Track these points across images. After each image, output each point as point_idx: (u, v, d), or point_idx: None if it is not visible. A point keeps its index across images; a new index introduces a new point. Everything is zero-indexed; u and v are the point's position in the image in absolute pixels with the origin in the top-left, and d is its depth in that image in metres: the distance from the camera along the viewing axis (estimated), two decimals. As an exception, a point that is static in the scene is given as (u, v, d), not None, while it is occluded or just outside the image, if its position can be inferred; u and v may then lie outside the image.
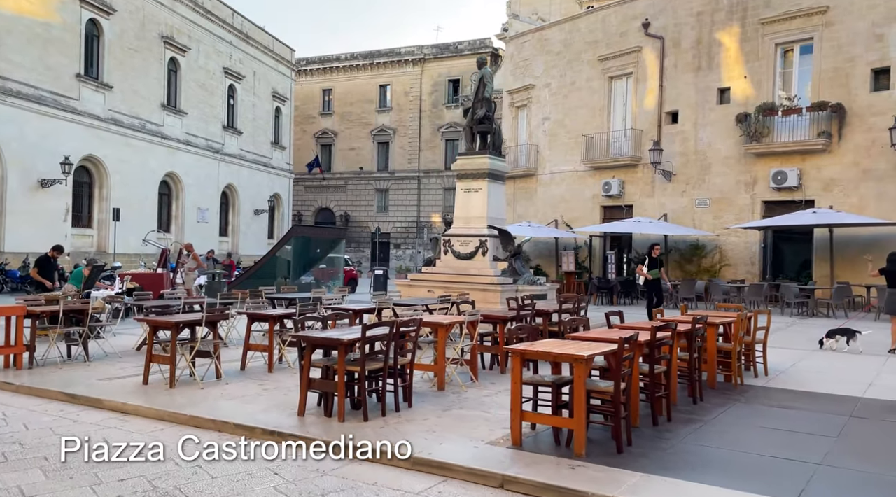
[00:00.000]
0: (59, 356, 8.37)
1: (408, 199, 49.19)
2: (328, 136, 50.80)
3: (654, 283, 12.83)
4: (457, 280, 12.56)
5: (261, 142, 39.27)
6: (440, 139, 48.43)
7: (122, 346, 9.57)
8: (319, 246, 19.60)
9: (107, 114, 26.96)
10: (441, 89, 48.37)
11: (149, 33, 29.28)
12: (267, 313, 7.95)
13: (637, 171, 23.08)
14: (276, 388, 7.00)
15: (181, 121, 31.78)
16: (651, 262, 12.84)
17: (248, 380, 7.47)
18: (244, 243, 37.73)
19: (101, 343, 9.13)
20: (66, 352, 8.62)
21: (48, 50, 23.98)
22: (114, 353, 8.96)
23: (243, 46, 36.96)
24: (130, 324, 11.26)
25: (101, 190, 27.38)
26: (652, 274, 12.78)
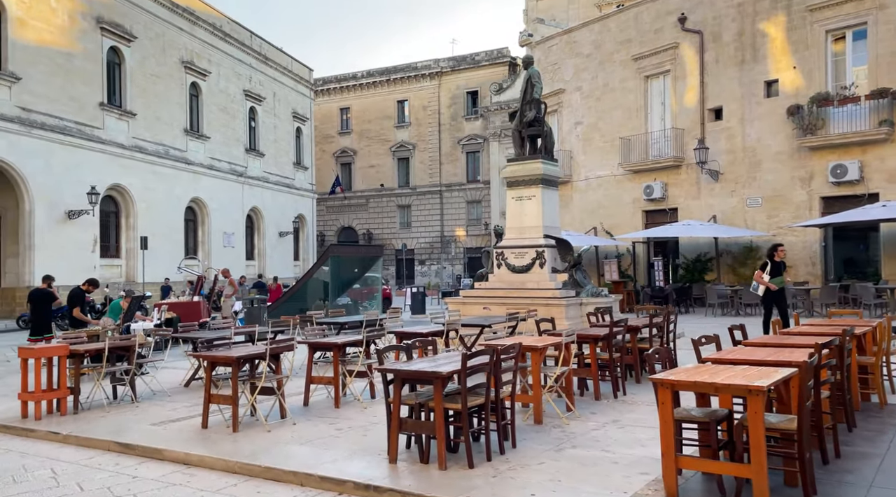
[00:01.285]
0: (104, 398, 7.65)
1: (430, 215, 48.56)
2: (347, 154, 50.46)
3: (778, 293, 10.42)
4: (514, 295, 11.71)
5: (283, 163, 38.89)
6: (461, 152, 47.85)
7: (169, 382, 8.84)
8: (356, 266, 18.86)
9: (131, 142, 26.65)
10: (459, 102, 47.86)
11: (169, 59, 29.04)
12: (331, 342, 7.16)
13: (680, 173, 22.11)
14: (350, 427, 6.18)
15: (204, 145, 31.45)
16: (774, 268, 10.38)
17: (316, 418, 6.66)
18: (270, 266, 37.19)
19: (148, 380, 8.41)
20: (111, 392, 7.90)
21: (71, 80, 23.72)
22: (161, 391, 8.22)
23: (262, 68, 36.71)
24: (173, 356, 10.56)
25: (127, 219, 27.00)
26: (776, 282, 10.33)
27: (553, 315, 10.77)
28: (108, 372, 7.45)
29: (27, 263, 22.11)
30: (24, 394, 6.88)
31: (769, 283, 10.31)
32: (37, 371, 6.84)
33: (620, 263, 22.83)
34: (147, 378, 8.43)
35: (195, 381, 8.53)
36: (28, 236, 22.11)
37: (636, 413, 6.35)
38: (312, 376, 7.28)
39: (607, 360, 7.12)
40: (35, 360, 6.84)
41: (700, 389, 3.87)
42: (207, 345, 6.87)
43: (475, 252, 45.86)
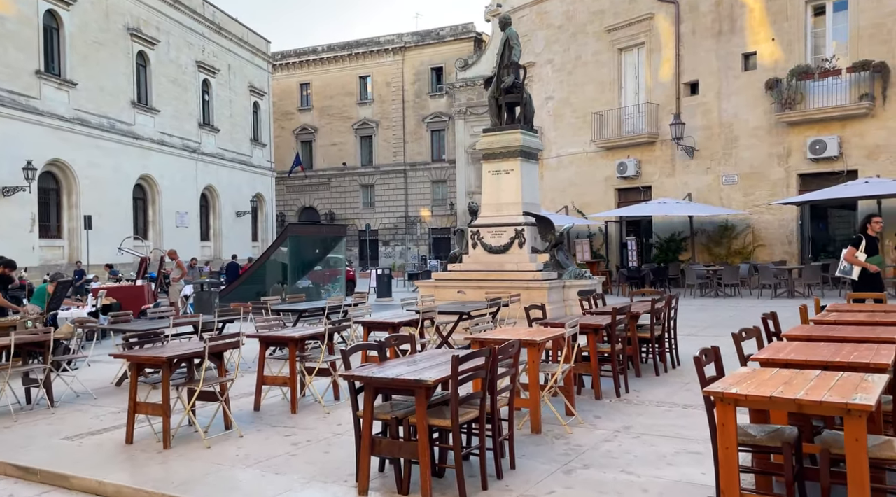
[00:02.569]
0: (13, 403, 6.42)
1: (394, 195, 47.37)
2: (308, 132, 48.71)
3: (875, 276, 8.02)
4: (491, 278, 10.75)
5: (239, 139, 37.05)
6: (425, 130, 46.61)
7: (97, 380, 7.64)
8: (318, 246, 17.64)
9: (72, 113, 24.67)
10: (424, 78, 46.49)
11: (113, 25, 26.95)
12: (287, 336, 6.06)
13: (654, 149, 21.41)
14: (309, 441, 5.13)
15: (154, 119, 29.51)
16: (869, 244, 8.03)
17: (269, 427, 5.58)
18: (227, 247, 35.53)
19: (72, 378, 7.18)
20: (24, 396, 6.67)
21: (3, 45, 21.65)
22: (86, 393, 7.02)
23: (216, 38, 34.66)
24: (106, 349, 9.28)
25: (69, 196, 25.10)
26: (874, 262, 8.03)
27: (534, 299, 9.86)
28: (17, 371, 6.23)
29: (-45, 245, 20.20)
30: None
31: (866, 264, 7.94)
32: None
33: (592, 243, 22.12)
34: (72, 376, 7.21)
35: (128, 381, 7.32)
36: (-45, 215, 20.21)
37: (648, 416, 5.47)
38: (265, 376, 6.19)
39: (606, 352, 6.22)
40: (-81, 362, 5.60)
41: (778, 407, 2.94)
42: (138, 340, 5.70)
43: (441, 233, 44.94)
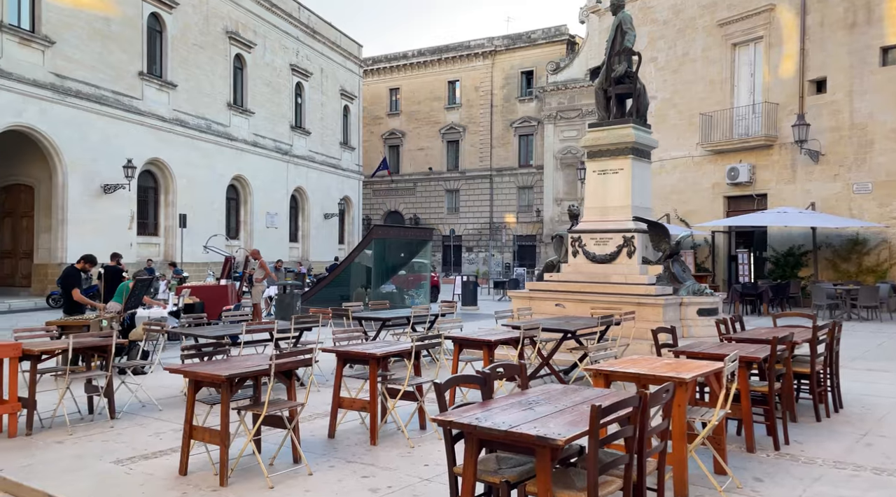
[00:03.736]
0: (72, 412, 5.88)
1: (480, 200, 46.58)
2: (396, 136, 48.77)
3: None
4: (594, 290, 9.53)
5: (329, 142, 37.31)
6: (513, 135, 45.59)
7: (166, 387, 7.06)
8: (403, 249, 16.94)
9: (171, 114, 25.33)
10: (513, 82, 45.51)
11: (213, 28, 27.59)
12: (367, 353, 5.16)
13: (772, 153, 19.35)
14: (391, 487, 4.19)
15: (248, 121, 30.02)
16: None
17: (343, 462, 4.69)
18: (314, 249, 35.84)
19: (137, 386, 6.61)
20: (87, 404, 6.13)
21: (108, 46, 22.42)
22: (151, 404, 6.42)
23: (310, 42, 35.05)
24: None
25: (166, 195, 25.78)
26: None
27: (647, 317, 8.58)
28: (78, 378, 5.68)
29: (60, 239, 21.00)
30: (-43, 408, 5.17)
31: None
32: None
33: (697, 255, 20.28)
34: (136, 384, 6.64)
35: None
36: (61, 210, 20.97)
37: (828, 484, 4.15)
38: (341, 398, 5.31)
39: (759, 392, 4.93)
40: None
41: None
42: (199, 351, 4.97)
43: (526, 240, 43.69)
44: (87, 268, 8.85)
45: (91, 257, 8.87)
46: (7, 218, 22.45)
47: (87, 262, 8.80)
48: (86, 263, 8.77)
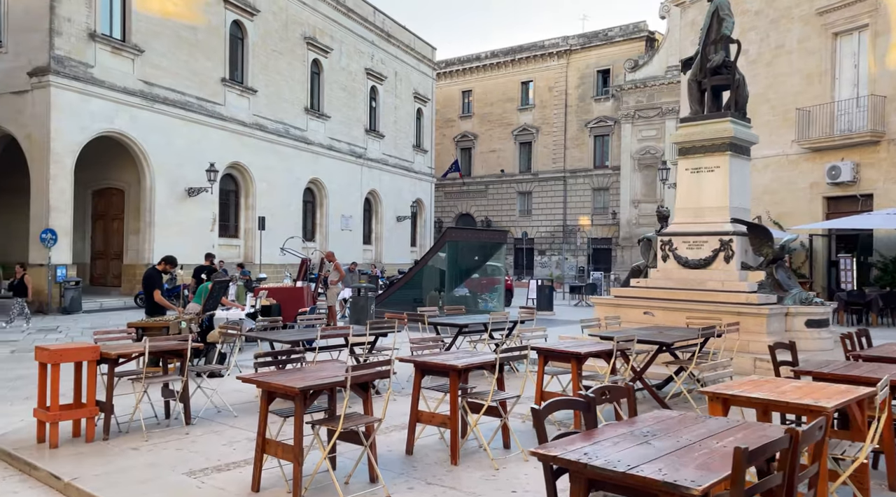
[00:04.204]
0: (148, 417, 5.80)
1: (553, 203, 45.72)
2: (468, 139, 48.55)
3: None
4: (687, 298, 8.82)
5: (402, 145, 37.46)
6: (588, 136, 44.49)
7: (242, 391, 6.93)
8: (477, 252, 16.55)
9: (251, 119, 25.98)
10: (589, 82, 44.42)
11: (291, 34, 28.15)
12: (448, 364, 4.79)
13: (878, 150, 17.77)
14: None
15: (324, 125, 30.48)
16: None
17: (422, 485, 4.33)
18: (387, 251, 36.05)
19: (212, 390, 6.49)
20: (163, 409, 6.05)
21: (193, 54, 23.20)
22: (226, 410, 6.28)
23: (384, 45, 35.30)
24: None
25: (246, 198, 26.45)
26: None
27: (748, 328, 7.82)
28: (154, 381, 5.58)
29: (147, 241, 21.85)
30: (40, 410, 5.14)
31: None
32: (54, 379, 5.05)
33: (792, 261, 18.88)
34: (211, 389, 6.53)
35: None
36: (149, 213, 21.82)
37: None
38: (420, 411, 4.96)
39: None
40: (52, 366, 5.06)
41: None
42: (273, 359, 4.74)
43: (601, 243, 42.48)
44: (168, 269, 8.92)
45: (171, 258, 8.94)
46: (99, 220, 23.58)
47: (167, 264, 8.87)
48: (166, 265, 8.85)
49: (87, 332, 13.83)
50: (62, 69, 18.59)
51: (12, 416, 6.51)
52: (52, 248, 18.44)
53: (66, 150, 18.89)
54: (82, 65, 19.26)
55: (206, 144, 23.45)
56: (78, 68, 19.11)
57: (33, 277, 18.79)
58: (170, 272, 9.23)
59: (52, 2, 18.35)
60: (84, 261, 22.82)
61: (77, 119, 19.10)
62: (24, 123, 18.88)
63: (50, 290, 18.36)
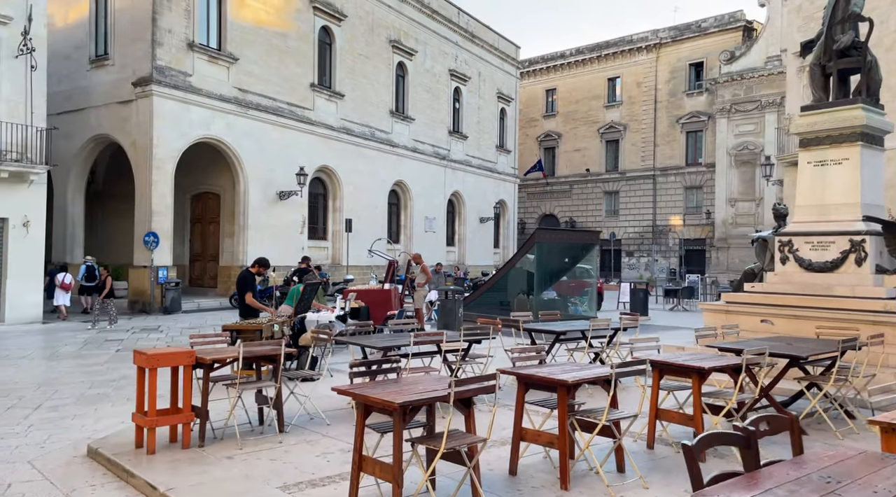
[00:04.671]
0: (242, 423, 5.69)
1: (641, 202, 44.08)
2: (551, 138, 47.63)
3: None
4: (812, 304, 7.93)
5: (485, 146, 37.11)
6: (679, 132, 42.61)
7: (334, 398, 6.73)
8: (567, 254, 15.94)
9: (339, 123, 26.39)
10: (680, 76, 42.54)
11: (377, 38, 28.42)
12: (555, 379, 4.35)
13: None
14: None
15: (408, 127, 30.60)
16: None
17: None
18: (470, 253, 35.81)
19: (305, 397, 6.33)
20: (257, 415, 5.94)
21: (284, 61, 23.79)
22: (319, 417, 6.09)
23: (468, 46, 35.10)
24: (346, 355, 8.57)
25: (334, 201, 26.90)
26: None
27: (888, 339, 6.90)
28: (248, 387, 5.46)
29: (241, 243, 22.56)
30: (138, 415, 5.11)
31: None
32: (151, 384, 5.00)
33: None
34: (304, 395, 6.37)
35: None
36: (243, 216, 22.53)
37: None
38: (524, 429, 4.54)
39: None
40: (150, 370, 5.01)
41: None
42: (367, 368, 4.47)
43: (694, 244, 40.51)
44: (262, 272, 8.94)
45: (264, 261, 8.95)
46: (197, 224, 24.61)
47: (260, 266, 8.89)
48: (260, 267, 8.86)
49: (186, 332, 14.32)
50: (163, 79, 19.46)
51: (114, 417, 6.62)
52: (155, 251, 19.32)
53: (167, 156, 19.76)
54: (181, 74, 20.10)
55: (296, 149, 23.98)
56: (177, 77, 19.96)
57: (137, 279, 19.79)
58: (262, 274, 9.25)
59: (154, 14, 19.25)
60: (183, 262, 23.87)
61: (177, 126, 19.95)
62: (129, 131, 19.91)
63: (152, 291, 19.24)
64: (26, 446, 5.57)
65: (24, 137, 16.01)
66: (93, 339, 13.20)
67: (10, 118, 15.76)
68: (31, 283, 16.47)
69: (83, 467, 4.91)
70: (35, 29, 16.14)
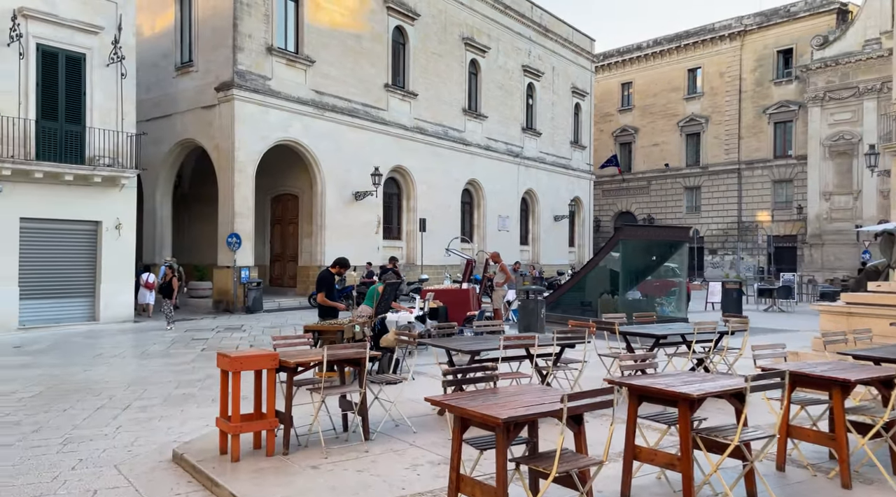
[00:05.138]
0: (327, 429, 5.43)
1: (725, 197, 42.03)
2: (627, 133, 46.11)
3: None
4: (952, 308, 6.96)
5: (559, 142, 36.23)
6: (766, 123, 40.37)
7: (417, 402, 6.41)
8: (654, 252, 15.09)
9: (412, 123, 26.31)
10: (767, 64, 40.28)
11: (450, 36, 28.18)
12: (677, 392, 3.82)
13: None
14: None
15: (481, 125, 30.21)
16: None
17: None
18: (544, 252, 35.03)
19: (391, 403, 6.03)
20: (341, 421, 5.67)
21: (359, 62, 23.89)
22: (404, 424, 5.77)
23: (542, 41, 34.35)
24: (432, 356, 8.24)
25: (408, 201, 26.85)
26: None
27: None
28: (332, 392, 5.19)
29: (319, 243, 22.80)
30: (222, 421, 4.93)
31: None
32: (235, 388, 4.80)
33: None
34: (389, 401, 6.07)
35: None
36: (320, 216, 22.77)
37: None
38: (638, 447, 4.04)
39: None
40: (233, 374, 4.82)
41: None
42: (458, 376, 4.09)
43: (784, 241, 38.15)
44: (342, 272, 8.76)
45: (344, 261, 8.76)
46: (277, 225, 25.10)
47: (340, 267, 8.70)
48: (340, 268, 8.68)
49: (268, 332, 14.46)
50: (244, 83, 19.87)
51: (199, 418, 6.53)
52: (237, 252, 19.75)
53: (248, 158, 20.17)
54: (261, 77, 20.48)
55: (371, 149, 24.04)
56: (257, 81, 20.34)
57: (221, 279, 20.31)
58: (342, 275, 9.06)
59: (235, 20, 19.68)
60: (264, 263, 24.38)
61: (257, 129, 20.34)
62: (213, 135, 20.46)
63: (235, 291, 19.68)
64: (114, 449, 5.53)
65: (116, 143, 16.65)
66: (180, 338, 13.51)
67: (103, 124, 16.43)
68: (124, 283, 17.13)
69: (168, 473, 4.78)
70: (124, 38, 16.76)
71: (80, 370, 9.67)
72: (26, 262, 15.39)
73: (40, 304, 15.70)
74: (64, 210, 15.93)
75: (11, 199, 14.95)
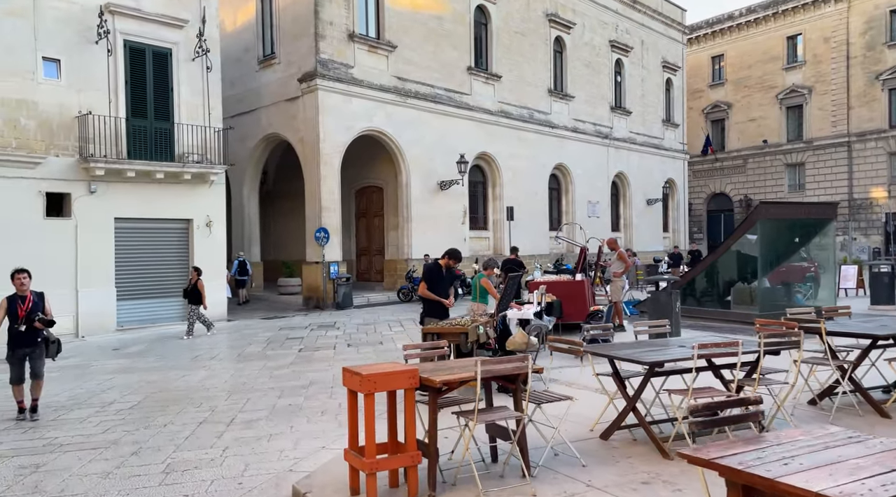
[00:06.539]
0: (479, 460, 4.36)
1: (833, 174, 38.50)
2: (720, 109, 42.99)
3: None
4: None
5: (650, 121, 33.99)
6: (880, 90, 36.63)
7: (573, 422, 5.24)
8: (796, 233, 13.24)
9: (496, 107, 25.06)
10: (879, 25, 36.50)
11: (533, 13, 26.67)
12: None
13: None
14: None
15: (568, 106, 28.56)
16: None
17: None
18: (637, 238, 32.99)
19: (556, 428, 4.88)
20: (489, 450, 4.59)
21: (440, 45, 22.84)
22: (567, 451, 4.61)
23: (629, 13, 32.22)
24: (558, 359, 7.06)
25: (493, 189, 25.64)
26: None
27: None
28: (488, 417, 4.11)
29: (405, 236, 22.00)
30: (352, 454, 3.94)
31: None
32: (368, 415, 3.80)
33: None
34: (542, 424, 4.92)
35: (620, 430, 4.74)
36: (406, 208, 21.95)
37: None
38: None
39: None
40: (366, 396, 3.81)
41: None
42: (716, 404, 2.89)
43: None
44: (452, 264, 7.70)
45: (455, 252, 7.70)
46: (362, 218, 24.50)
47: (450, 258, 7.65)
48: (450, 259, 7.62)
49: (363, 329, 13.67)
50: (327, 72, 19.22)
51: (312, 438, 5.63)
52: (325, 246, 19.18)
53: (333, 150, 19.54)
54: (343, 66, 19.78)
55: (454, 136, 22.98)
56: (340, 70, 19.65)
57: (310, 275, 19.81)
58: (452, 268, 7.99)
59: (316, 7, 19.03)
60: (350, 257, 23.84)
61: (341, 119, 19.67)
62: (297, 128, 19.96)
63: (325, 286, 19.13)
64: (222, 480, 4.69)
65: (203, 139, 16.32)
66: (275, 338, 12.92)
67: (190, 120, 16.12)
68: (216, 281, 16.82)
69: (290, 518, 3.84)
70: (208, 30, 16.38)
71: (178, 375, 9.11)
72: (122, 262, 15.27)
73: (137, 305, 15.58)
74: (156, 209, 15.73)
75: (105, 199, 14.82)
